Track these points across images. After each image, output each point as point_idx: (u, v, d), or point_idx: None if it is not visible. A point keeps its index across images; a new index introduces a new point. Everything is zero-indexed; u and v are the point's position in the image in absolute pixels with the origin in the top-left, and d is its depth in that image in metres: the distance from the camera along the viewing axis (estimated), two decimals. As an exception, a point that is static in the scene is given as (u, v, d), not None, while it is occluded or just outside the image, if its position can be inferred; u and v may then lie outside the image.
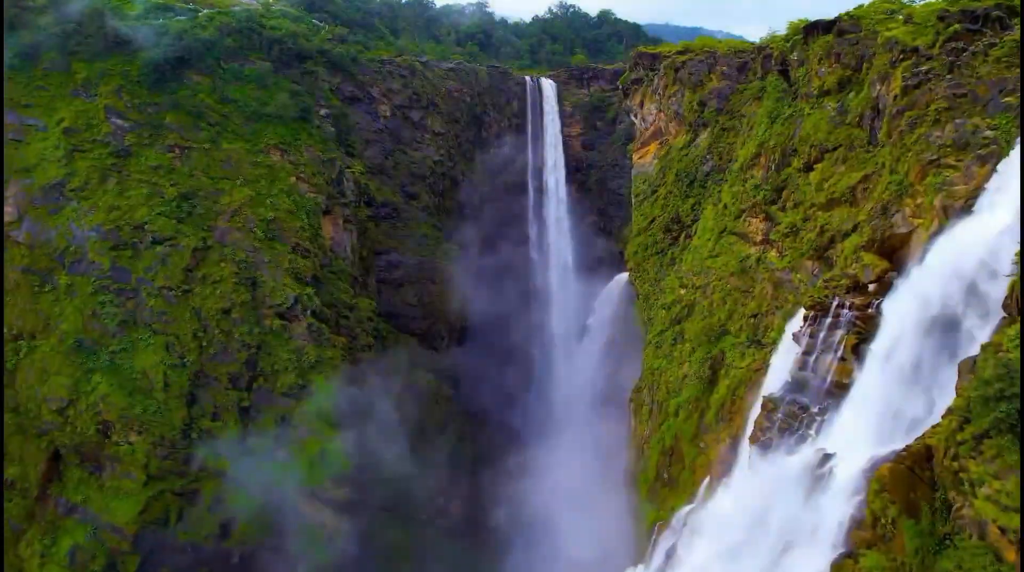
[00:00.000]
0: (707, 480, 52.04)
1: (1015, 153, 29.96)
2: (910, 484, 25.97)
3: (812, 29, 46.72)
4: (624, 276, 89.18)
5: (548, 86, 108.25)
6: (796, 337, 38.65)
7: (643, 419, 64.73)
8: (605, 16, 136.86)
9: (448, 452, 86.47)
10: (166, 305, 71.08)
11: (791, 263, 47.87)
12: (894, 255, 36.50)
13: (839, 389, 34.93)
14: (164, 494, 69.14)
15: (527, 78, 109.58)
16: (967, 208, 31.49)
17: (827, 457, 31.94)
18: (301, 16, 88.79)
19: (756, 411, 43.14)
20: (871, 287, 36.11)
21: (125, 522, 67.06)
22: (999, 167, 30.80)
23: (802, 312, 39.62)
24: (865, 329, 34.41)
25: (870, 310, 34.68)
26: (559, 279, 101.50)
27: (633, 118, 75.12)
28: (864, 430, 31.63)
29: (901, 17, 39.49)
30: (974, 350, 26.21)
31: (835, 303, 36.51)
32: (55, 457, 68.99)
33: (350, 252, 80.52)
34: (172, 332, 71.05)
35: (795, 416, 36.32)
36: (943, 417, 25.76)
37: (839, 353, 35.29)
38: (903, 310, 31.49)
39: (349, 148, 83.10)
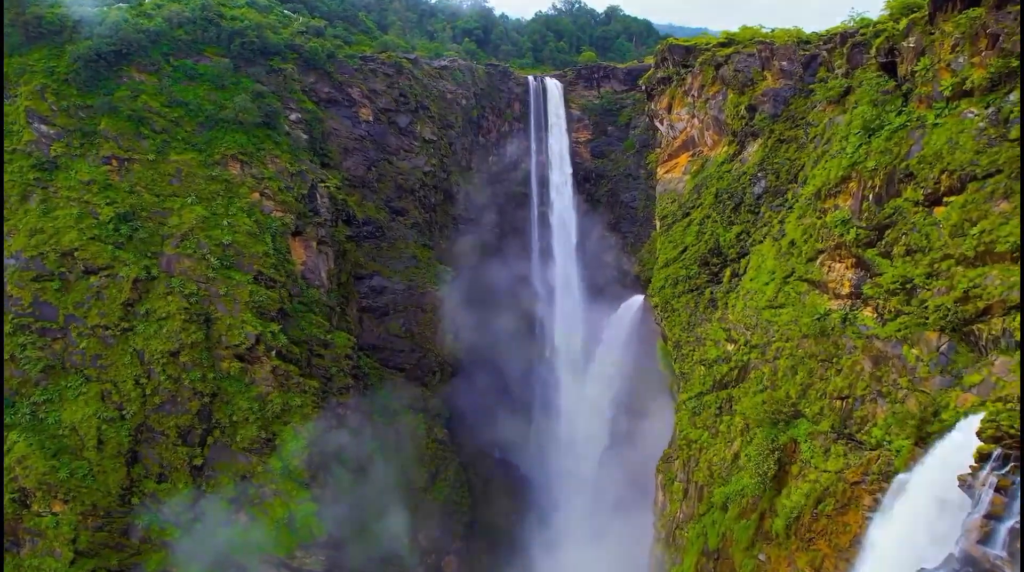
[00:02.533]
0: (774, 612, 36.75)
1: None
2: None
3: (944, 1, 30.67)
4: (638, 299, 74.72)
5: (553, 87, 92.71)
6: (967, 485, 22.85)
7: (675, 497, 49.34)
8: (613, 12, 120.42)
9: (441, 503, 72.47)
10: (101, 347, 59.85)
11: (902, 333, 32.13)
12: None
13: (1071, 600, 19.21)
14: (96, 573, 55.63)
15: (530, 78, 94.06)
16: None
17: None
18: (270, 6, 72.53)
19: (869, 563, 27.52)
20: (1114, 420, 20.26)
21: (47, 610, 53.81)
22: None
23: (972, 439, 23.76)
24: (1123, 503, 18.63)
25: None
26: (564, 303, 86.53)
27: (658, 124, 59.01)
28: None
29: None
30: None
31: (1048, 443, 20.70)
32: (-38, 533, 55.78)
33: (325, 279, 66.32)
34: (108, 379, 59.57)
35: (981, 628, 20.59)
36: None
37: (1066, 534, 19.54)
38: None
39: (324, 158, 68.30)
